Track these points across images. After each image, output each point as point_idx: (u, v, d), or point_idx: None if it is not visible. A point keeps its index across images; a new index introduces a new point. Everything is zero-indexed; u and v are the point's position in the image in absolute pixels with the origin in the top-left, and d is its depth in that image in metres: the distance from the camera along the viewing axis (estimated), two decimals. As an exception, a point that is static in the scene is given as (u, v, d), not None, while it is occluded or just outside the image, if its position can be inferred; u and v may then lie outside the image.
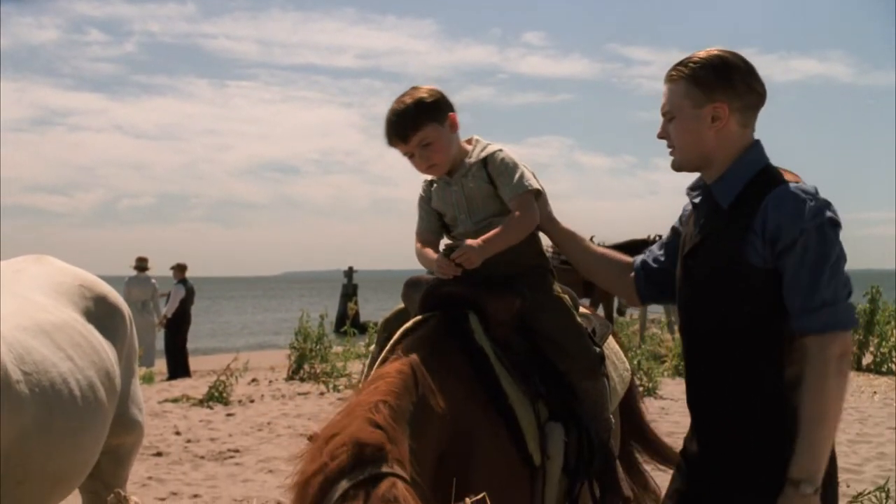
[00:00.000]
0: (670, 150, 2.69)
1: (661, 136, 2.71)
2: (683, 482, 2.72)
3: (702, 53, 2.63)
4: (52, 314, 3.49)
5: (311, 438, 3.07)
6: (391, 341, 2.77)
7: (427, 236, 3.12)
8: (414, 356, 2.47)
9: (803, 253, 2.44)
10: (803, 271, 2.44)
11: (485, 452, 2.56)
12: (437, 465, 2.34)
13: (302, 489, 2.02)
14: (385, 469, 1.97)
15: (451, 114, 3.01)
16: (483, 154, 3.03)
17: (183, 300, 16.30)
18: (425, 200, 3.16)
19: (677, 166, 2.70)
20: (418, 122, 2.94)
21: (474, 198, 3.02)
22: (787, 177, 2.57)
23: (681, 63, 2.64)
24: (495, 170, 2.99)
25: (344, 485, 1.94)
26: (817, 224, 2.44)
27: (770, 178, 2.56)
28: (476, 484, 2.04)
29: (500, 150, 3.04)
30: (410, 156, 3.01)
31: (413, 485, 2.01)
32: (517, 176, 2.98)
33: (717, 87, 2.57)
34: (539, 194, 3.04)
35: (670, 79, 2.65)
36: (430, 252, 3.01)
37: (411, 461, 2.14)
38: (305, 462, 2.09)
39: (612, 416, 3.08)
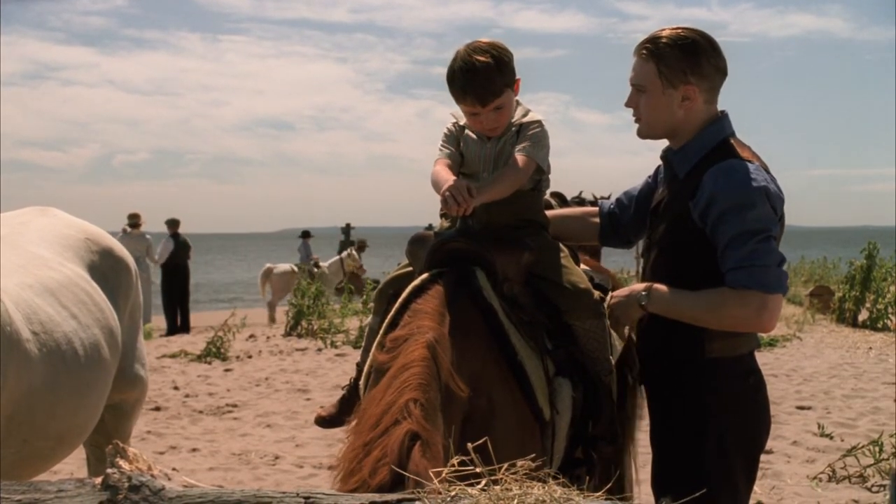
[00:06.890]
0: (636, 118, 2.85)
1: (628, 105, 2.85)
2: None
3: (670, 33, 2.75)
4: (57, 270, 3.43)
5: (317, 420, 3.07)
6: (400, 299, 2.72)
7: (448, 161, 3.02)
8: (430, 334, 2.43)
9: (731, 224, 2.63)
10: (732, 241, 2.63)
11: (502, 410, 2.59)
12: (462, 426, 2.38)
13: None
14: (422, 494, 1.94)
15: (518, 77, 2.97)
16: (524, 120, 3.02)
17: (172, 253, 16.33)
18: (452, 137, 3.08)
19: (644, 135, 2.88)
20: (499, 87, 2.86)
21: (503, 161, 2.99)
22: (743, 153, 2.73)
23: (650, 40, 2.77)
24: (524, 133, 2.98)
25: None
26: (742, 199, 2.63)
27: (722, 153, 2.74)
28: (495, 440, 2.04)
29: (539, 123, 3.02)
30: (474, 114, 2.93)
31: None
32: (535, 146, 2.96)
33: (688, 71, 2.73)
34: (540, 171, 3.02)
35: (641, 55, 2.78)
36: (446, 172, 2.91)
37: (444, 445, 2.17)
38: (346, 465, 2.10)
39: (611, 360, 3.09)
